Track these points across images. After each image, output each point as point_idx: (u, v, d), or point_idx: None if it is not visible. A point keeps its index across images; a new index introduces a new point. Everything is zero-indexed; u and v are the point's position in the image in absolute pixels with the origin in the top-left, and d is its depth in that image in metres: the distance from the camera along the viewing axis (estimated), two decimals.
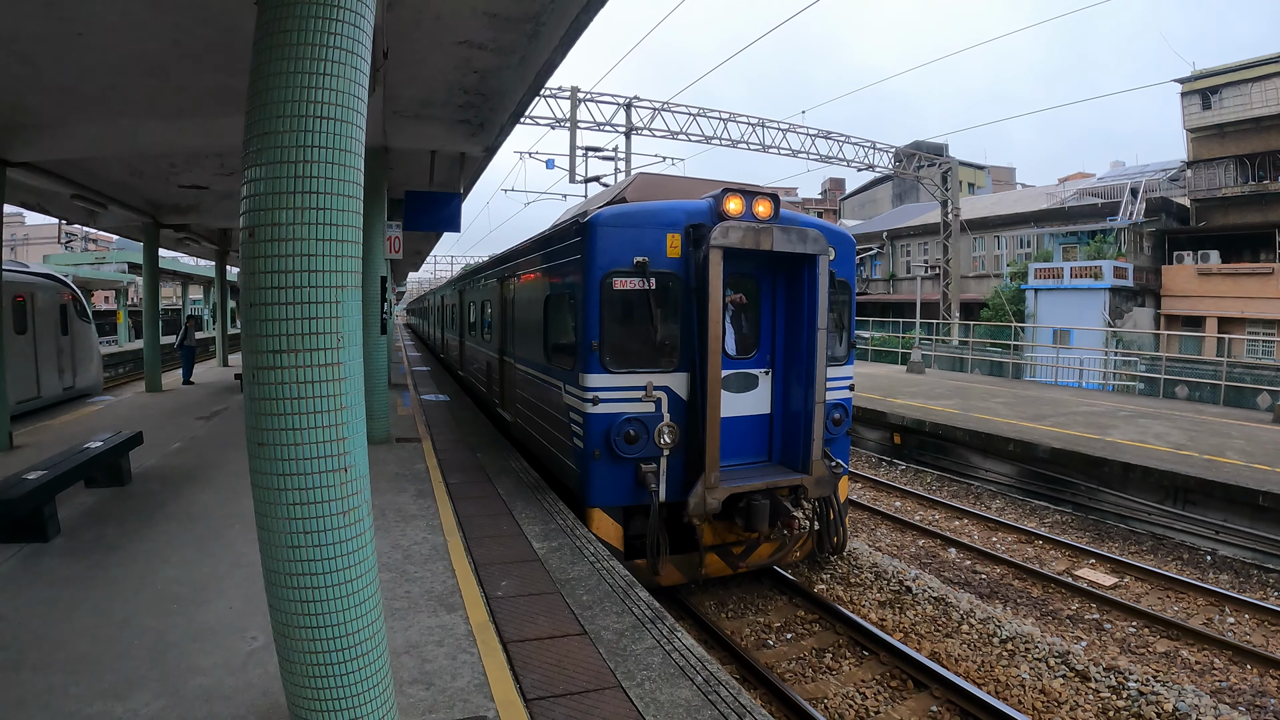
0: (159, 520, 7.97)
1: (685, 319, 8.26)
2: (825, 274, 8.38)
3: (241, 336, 3.36)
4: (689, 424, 8.22)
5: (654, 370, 8.26)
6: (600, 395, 8.08)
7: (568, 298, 9.00)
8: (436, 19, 7.62)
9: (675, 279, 8.31)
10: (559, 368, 9.34)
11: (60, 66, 8.65)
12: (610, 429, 8.04)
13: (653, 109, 26.25)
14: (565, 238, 9.13)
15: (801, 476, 8.41)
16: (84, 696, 4.42)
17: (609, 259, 8.09)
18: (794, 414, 8.73)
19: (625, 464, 8.11)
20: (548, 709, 4.42)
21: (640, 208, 8.44)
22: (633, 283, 8.15)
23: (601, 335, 8.10)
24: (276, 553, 3.27)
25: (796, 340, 8.69)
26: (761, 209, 8.28)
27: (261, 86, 3.16)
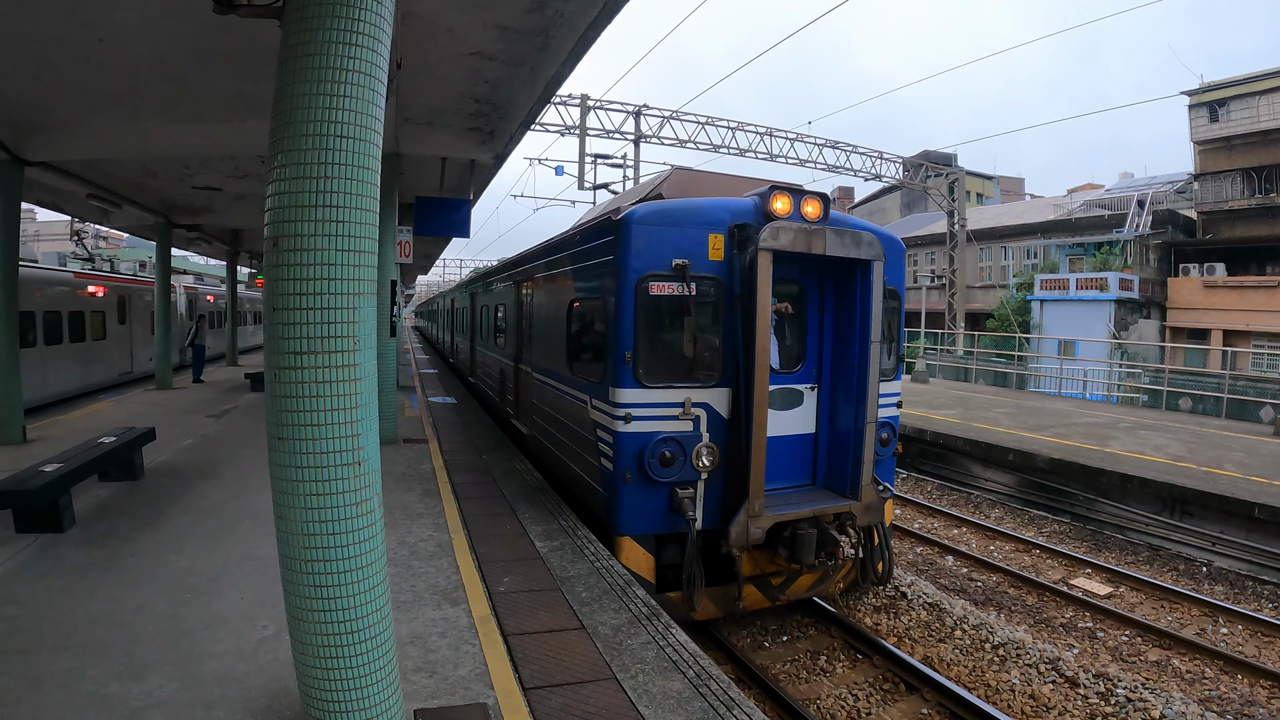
0: (171, 514, 8.17)
1: (728, 329, 7.53)
2: (880, 281, 7.67)
3: (264, 338, 3.57)
4: (729, 445, 7.50)
5: (692, 385, 7.52)
6: (633, 412, 7.35)
7: (596, 303, 8.27)
8: (449, 31, 7.81)
9: (717, 284, 7.57)
10: (584, 380, 8.54)
11: (81, 70, 8.87)
12: (644, 450, 7.30)
13: (662, 117, 26.44)
14: (595, 237, 8.36)
15: (850, 502, 7.68)
16: (100, 678, 4.61)
17: (645, 261, 7.36)
18: (842, 434, 7.99)
19: (659, 488, 7.39)
20: (545, 698, 4.60)
21: (679, 205, 7.70)
22: (671, 287, 7.42)
23: (635, 345, 7.37)
24: (293, 540, 3.48)
25: (846, 353, 7.95)
26: (810, 209, 7.62)
27: (285, 106, 3.38)
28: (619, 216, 7.52)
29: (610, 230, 7.69)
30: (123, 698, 4.39)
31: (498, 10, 7.35)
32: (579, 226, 9.89)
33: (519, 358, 13.14)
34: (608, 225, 7.81)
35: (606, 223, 7.91)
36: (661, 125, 26.51)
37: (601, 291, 7.98)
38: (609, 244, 7.71)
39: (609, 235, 7.71)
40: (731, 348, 7.46)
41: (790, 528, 7.37)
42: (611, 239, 7.62)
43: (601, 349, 7.99)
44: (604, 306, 7.85)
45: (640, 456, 7.31)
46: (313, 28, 3.34)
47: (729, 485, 7.48)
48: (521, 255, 13.57)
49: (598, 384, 7.97)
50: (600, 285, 8.06)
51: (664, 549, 7.59)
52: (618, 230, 7.46)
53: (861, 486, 7.66)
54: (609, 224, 7.76)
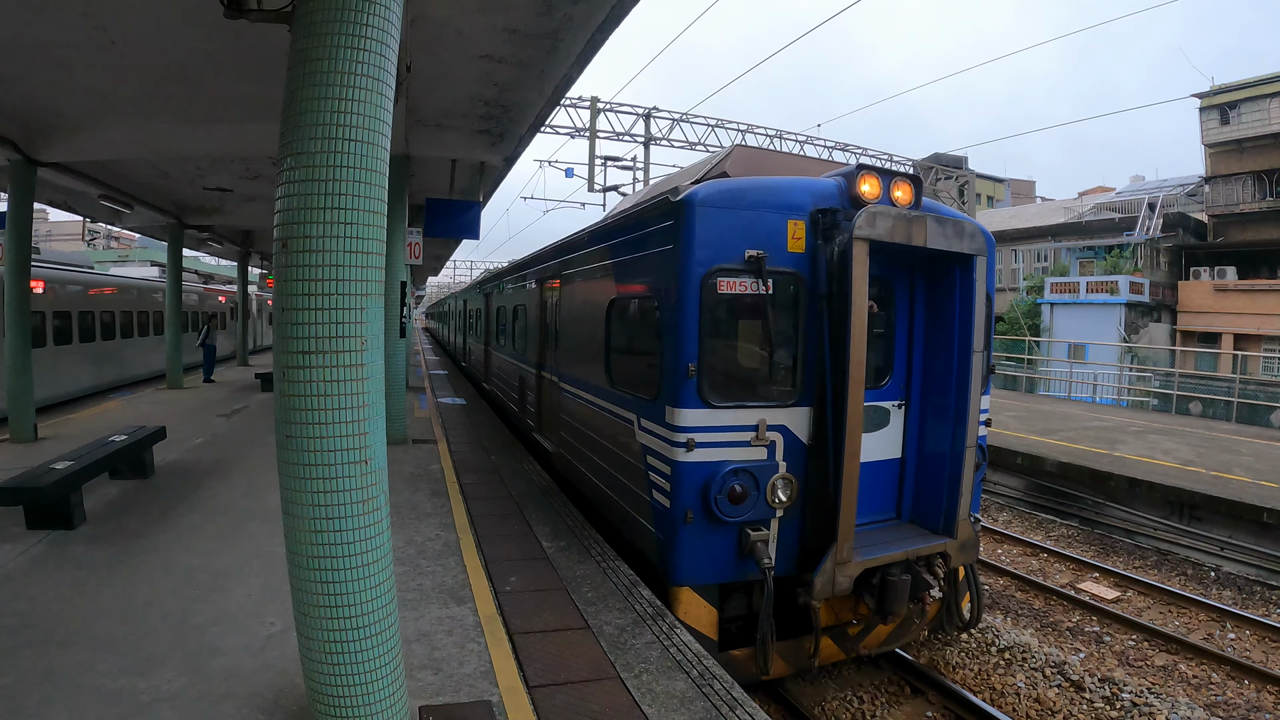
0: (181, 511, 8.24)
1: (809, 335, 6.36)
2: (984, 279, 6.62)
3: (274, 338, 3.62)
4: (809, 476, 6.36)
5: (767, 404, 6.35)
6: (696, 438, 6.10)
7: (647, 303, 7.13)
8: (458, 34, 7.87)
9: (797, 281, 6.37)
10: (629, 395, 7.34)
11: (93, 72, 8.97)
12: (709, 483, 6.09)
13: (671, 119, 26.44)
14: (646, 223, 7.11)
15: (944, 541, 6.61)
16: (109, 673, 4.66)
17: (712, 251, 6.13)
18: (934, 459, 6.89)
19: (726, 529, 6.19)
20: (549, 696, 4.63)
21: (753, 184, 6.45)
22: (743, 284, 6.20)
23: (701, 355, 6.13)
24: (300, 537, 3.53)
25: (941, 364, 6.85)
26: (900, 194, 6.52)
27: (294, 109, 3.43)
28: (680, 197, 6.29)
29: (668, 214, 6.49)
30: (131, 692, 4.44)
31: (507, 13, 7.40)
32: (622, 213, 8.40)
33: (543, 365, 11.90)
34: (665, 208, 6.59)
35: (663, 205, 6.65)
36: (671, 128, 26.51)
37: (655, 289, 6.82)
38: (666, 231, 6.52)
39: (667, 220, 6.53)
40: (814, 358, 6.33)
41: (879, 573, 6.28)
42: (670, 225, 6.42)
43: (654, 359, 6.79)
44: (658, 307, 6.68)
45: (705, 492, 6.11)
46: (321, 32, 3.39)
47: (807, 524, 6.40)
48: (546, 250, 12.10)
49: (649, 402, 6.75)
50: (653, 281, 6.91)
51: (728, 599, 6.51)
52: (679, 214, 6.25)
53: (958, 521, 6.60)
54: (666, 206, 6.53)
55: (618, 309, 7.95)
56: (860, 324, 5.92)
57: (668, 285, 6.41)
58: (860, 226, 5.90)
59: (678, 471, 6.15)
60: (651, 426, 6.64)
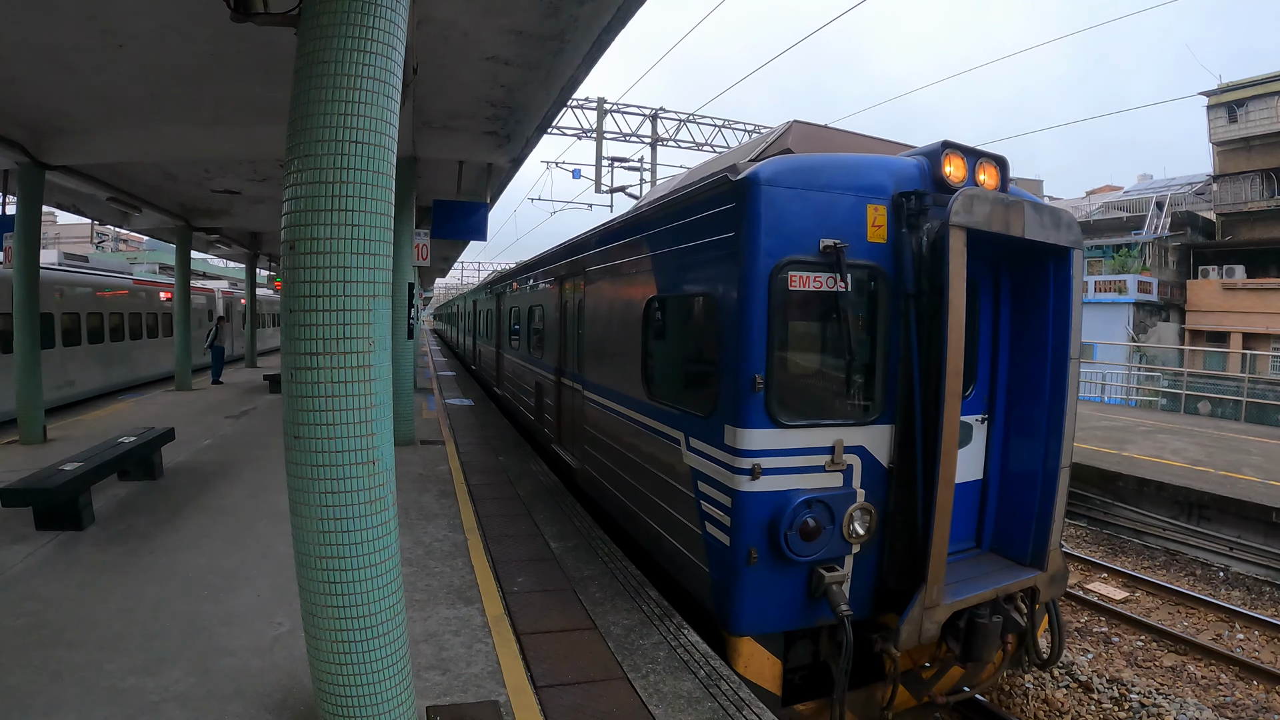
0: (189, 513, 8.27)
1: (890, 340, 5.48)
2: (1080, 276, 5.84)
3: (281, 339, 3.64)
4: (889, 504, 5.49)
5: (844, 422, 5.43)
6: (764, 463, 5.18)
7: (700, 303, 6.20)
8: (464, 36, 7.88)
9: (878, 276, 5.45)
10: (676, 410, 6.38)
11: (101, 76, 9.00)
12: (778, 517, 5.19)
13: (678, 120, 26.39)
14: (697, 208, 6.09)
15: (1034, 574, 5.79)
16: (118, 672, 4.69)
17: (783, 240, 5.20)
18: (1021, 480, 6.14)
19: (795, 569, 5.32)
20: (556, 696, 4.64)
21: (828, 161, 5.50)
22: (819, 280, 5.27)
23: (769, 365, 5.20)
24: (308, 537, 3.54)
25: (1031, 373, 6.07)
26: (985, 177, 5.72)
27: (301, 113, 3.44)
28: (742, 175, 5.32)
29: (728, 196, 5.51)
30: (139, 691, 4.47)
31: (512, 15, 7.41)
32: (663, 198, 7.26)
33: (563, 371, 10.96)
34: (722, 189, 5.61)
35: (720, 185, 5.65)
36: (678, 128, 26.46)
37: (710, 285, 5.86)
38: (725, 216, 5.55)
39: (725, 204, 5.56)
40: (898, 368, 5.46)
41: (966, 615, 5.40)
42: (731, 209, 5.46)
43: (707, 369, 5.92)
44: (713, 307, 5.73)
45: (772, 527, 5.21)
46: (328, 35, 3.40)
47: (885, 560, 5.55)
48: (568, 244, 11.07)
49: (701, 419, 5.82)
50: (707, 276, 5.93)
51: (793, 647, 5.59)
52: (742, 195, 5.29)
53: (1049, 551, 5.81)
54: (725, 186, 5.55)
55: (658, 310, 7.09)
56: (958, 327, 5.11)
57: (727, 281, 5.46)
58: (957, 212, 5.06)
59: (740, 503, 5.22)
60: (704, 448, 5.72)
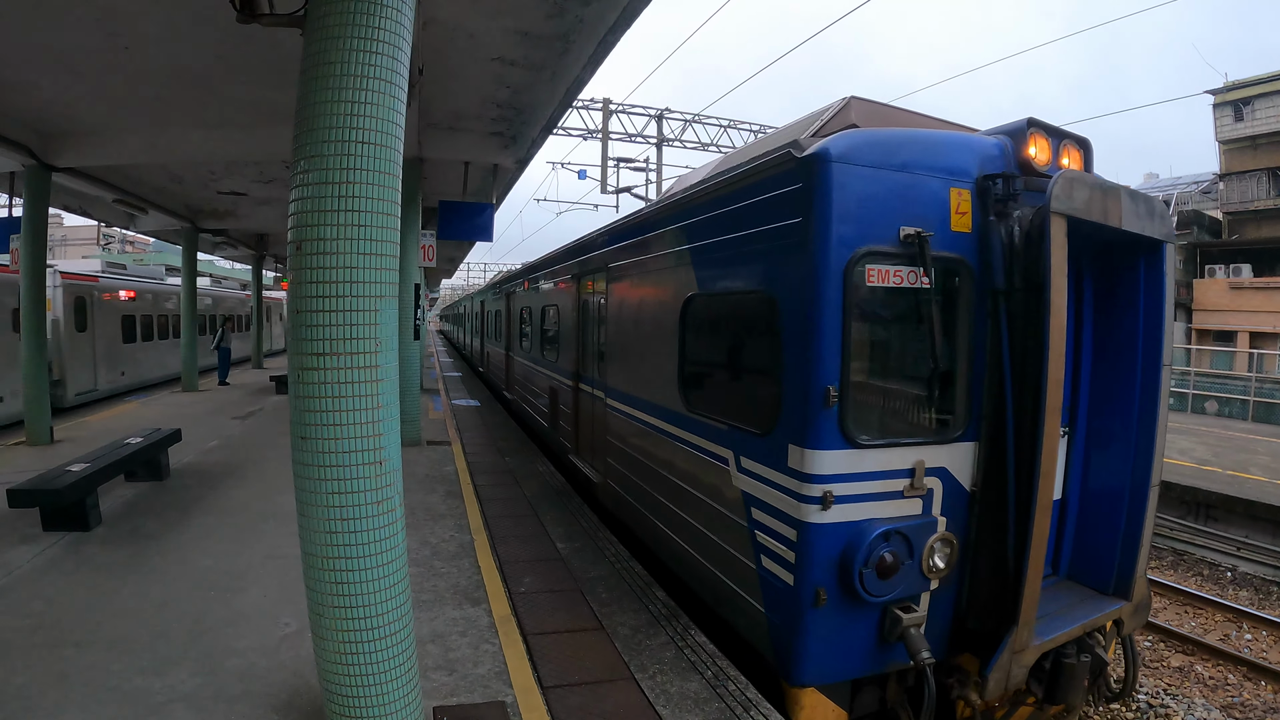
0: (196, 513, 8.27)
1: (975, 345, 4.77)
2: (1173, 274, 5.25)
3: (288, 340, 3.64)
4: (970, 532, 4.83)
5: (925, 440, 4.76)
6: (837, 489, 4.48)
7: (753, 301, 5.35)
8: (470, 37, 7.89)
9: (962, 271, 4.75)
10: (722, 425, 5.61)
11: (107, 78, 9.04)
12: (852, 552, 4.47)
13: (684, 121, 26.35)
14: (751, 191, 5.26)
15: (1118, 605, 5.17)
16: (124, 673, 4.70)
17: (859, 228, 4.47)
18: (1104, 498, 5.44)
19: (867, 610, 4.63)
20: (563, 696, 4.64)
21: (906, 137, 4.78)
22: (898, 275, 4.57)
23: (844, 375, 4.47)
24: (315, 537, 3.54)
25: (1117, 380, 5.37)
26: (1069, 161, 5.12)
27: (307, 113, 3.45)
28: (810, 151, 4.56)
29: (792, 175, 4.74)
30: (146, 692, 4.47)
31: (518, 16, 7.42)
32: (703, 183, 6.29)
33: (581, 376, 10.27)
34: (785, 167, 4.82)
35: (782, 163, 4.86)
36: (684, 129, 26.43)
37: (767, 281, 5.09)
38: (789, 199, 4.78)
39: (789, 184, 4.77)
40: (982, 376, 4.77)
41: (1052, 655, 4.78)
42: (796, 190, 4.69)
43: (764, 379, 5.16)
44: (771, 306, 4.98)
45: (844, 563, 4.51)
46: (334, 36, 3.40)
47: (964, 596, 4.89)
48: (587, 239, 10.22)
49: (757, 438, 5.09)
50: (764, 270, 5.14)
51: (859, 695, 4.93)
52: (811, 173, 4.53)
53: (1135, 579, 5.19)
54: (789, 164, 4.77)
55: (699, 309, 6.28)
56: (1059, 329, 4.43)
57: (791, 275, 4.73)
58: (1058, 197, 4.41)
59: (808, 536, 4.51)
60: (760, 470, 5.01)
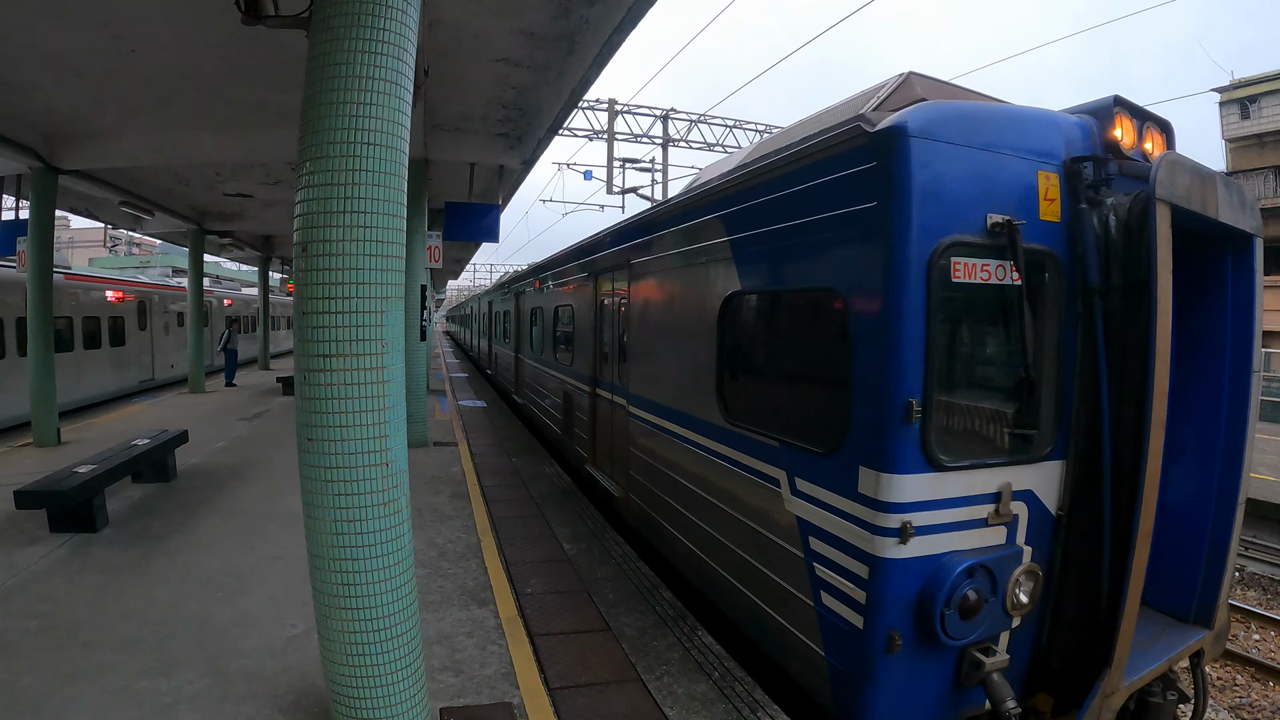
0: (203, 514, 8.28)
1: (1065, 351, 4.18)
2: (1261, 271, 4.70)
3: (294, 341, 3.64)
4: (1053, 563, 4.26)
5: (1012, 459, 4.14)
6: (917, 519, 3.85)
7: (815, 298, 4.71)
8: (475, 38, 7.90)
9: (1051, 265, 4.14)
10: (772, 441, 4.94)
11: (113, 80, 9.06)
12: (933, 591, 3.85)
13: (689, 121, 26.29)
14: (809, 173, 4.55)
15: (1200, 634, 4.68)
16: (131, 673, 4.70)
17: (943, 214, 3.83)
18: (1182, 515, 4.83)
19: (945, 654, 4.02)
20: (570, 698, 4.63)
21: (990, 112, 4.15)
22: (985, 270, 3.94)
23: (927, 386, 3.83)
24: (322, 539, 3.55)
25: (1199, 386, 4.80)
26: (1152, 147, 4.58)
27: (313, 115, 3.45)
28: (885, 125, 3.89)
29: (864, 152, 4.03)
30: (153, 693, 4.47)
31: (523, 17, 7.43)
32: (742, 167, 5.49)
33: (598, 381, 9.67)
34: (855, 143, 4.11)
35: (850, 139, 4.14)
36: (689, 129, 26.37)
37: (831, 275, 4.39)
38: (859, 180, 4.08)
39: (860, 163, 4.07)
40: (1073, 386, 4.18)
41: (1137, 695, 4.36)
42: (870, 170, 3.98)
43: (827, 388, 4.50)
44: (837, 305, 4.29)
45: (925, 604, 3.88)
46: (339, 37, 3.41)
47: (1046, 634, 4.31)
48: (603, 235, 9.56)
49: (818, 456, 4.40)
50: (827, 263, 4.45)
51: None
52: (887, 150, 3.84)
53: (1218, 605, 4.73)
54: (859, 140, 4.06)
55: (742, 309, 5.61)
56: (1165, 332, 3.86)
57: (862, 269, 4.06)
58: (1163, 183, 3.86)
59: (882, 574, 3.87)
60: (820, 494, 4.36)
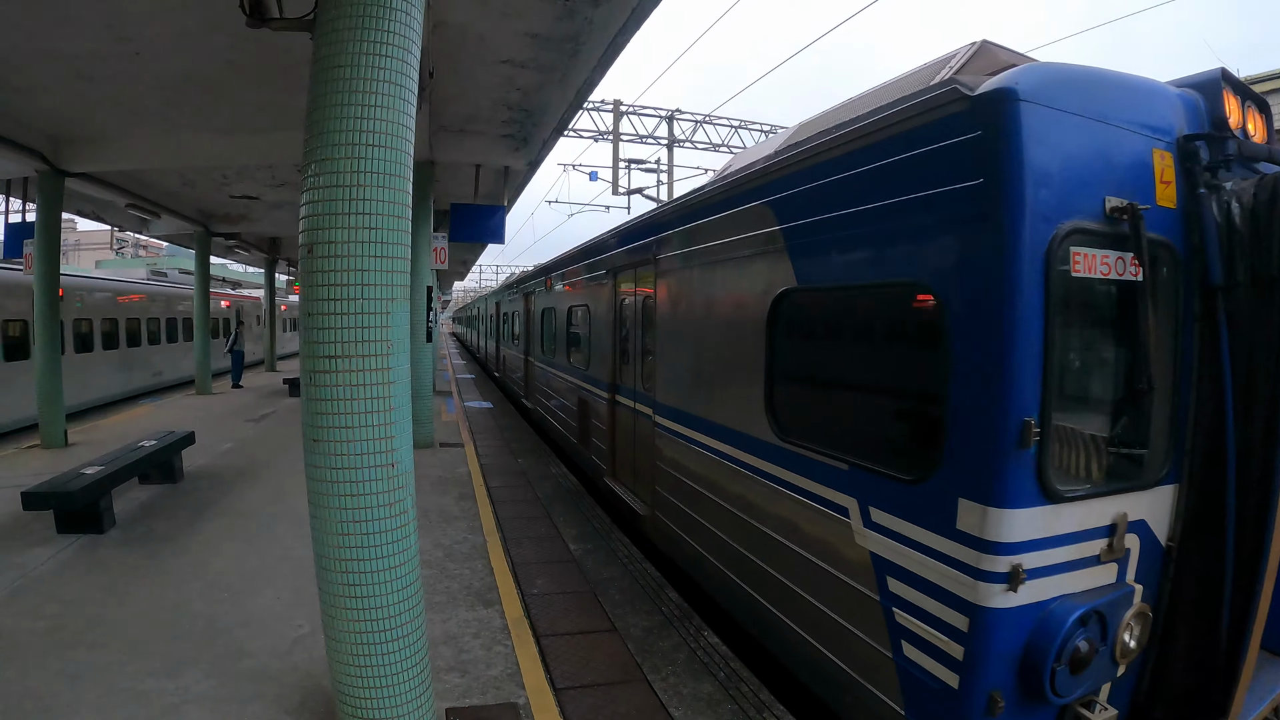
0: (210, 515, 8.31)
1: (1181, 357, 3.68)
2: None
3: (300, 343, 3.64)
4: (1161, 601, 3.75)
5: (1125, 485, 3.59)
6: (1028, 561, 3.26)
7: (896, 296, 4.02)
8: (480, 39, 7.90)
9: (1167, 258, 3.61)
10: (843, 464, 4.24)
11: (118, 83, 9.09)
12: (1045, 644, 3.30)
13: (694, 122, 26.23)
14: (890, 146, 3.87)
15: None
16: (138, 674, 4.71)
17: (1060, 197, 3.25)
18: None
19: (1047, 712, 3.48)
20: (575, 698, 4.63)
21: (1103, 78, 3.51)
22: (1105, 263, 3.36)
23: (1045, 403, 3.24)
24: (328, 540, 3.55)
25: None
26: (1253, 127, 4.00)
27: (318, 117, 3.46)
28: (986, 88, 3.29)
29: (962, 120, 3.40)
30: (159, 694, 4.48)
31: (527, 18, 7.43)
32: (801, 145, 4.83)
33: (618, 388, 9.07)
34: (949, 109, 3.47)
35: (944, 104, 3.50)
36: (694, 130, 26.30)
37: (921, 269, 3.67)
38: (958, 154, 3.42)
39: (960, 132, 3.41)
40: (1189, 399, 3.68)
41: None
42: (972, 140, 3.34)
43: (915, 403, 3.92)
44: (929, 304, 3.66)
45: (1033, 660, 3.32)
46: (343, 39, 3.41)
47: (1149, 681, 3.82)
48: (624, 229, 8.80)
49: (903, 484, 3.75)
50: (916, 255, 3.71)
51: None
52: (993, 117, 3.24)
53: None
54: (957, 105, 3.43)
55: (799, 308, 4.94)
56: None
57: (965, 261, 3.40)
58: None
59: (986, 625, 3.26)
60: (904, 529, 3.72)
